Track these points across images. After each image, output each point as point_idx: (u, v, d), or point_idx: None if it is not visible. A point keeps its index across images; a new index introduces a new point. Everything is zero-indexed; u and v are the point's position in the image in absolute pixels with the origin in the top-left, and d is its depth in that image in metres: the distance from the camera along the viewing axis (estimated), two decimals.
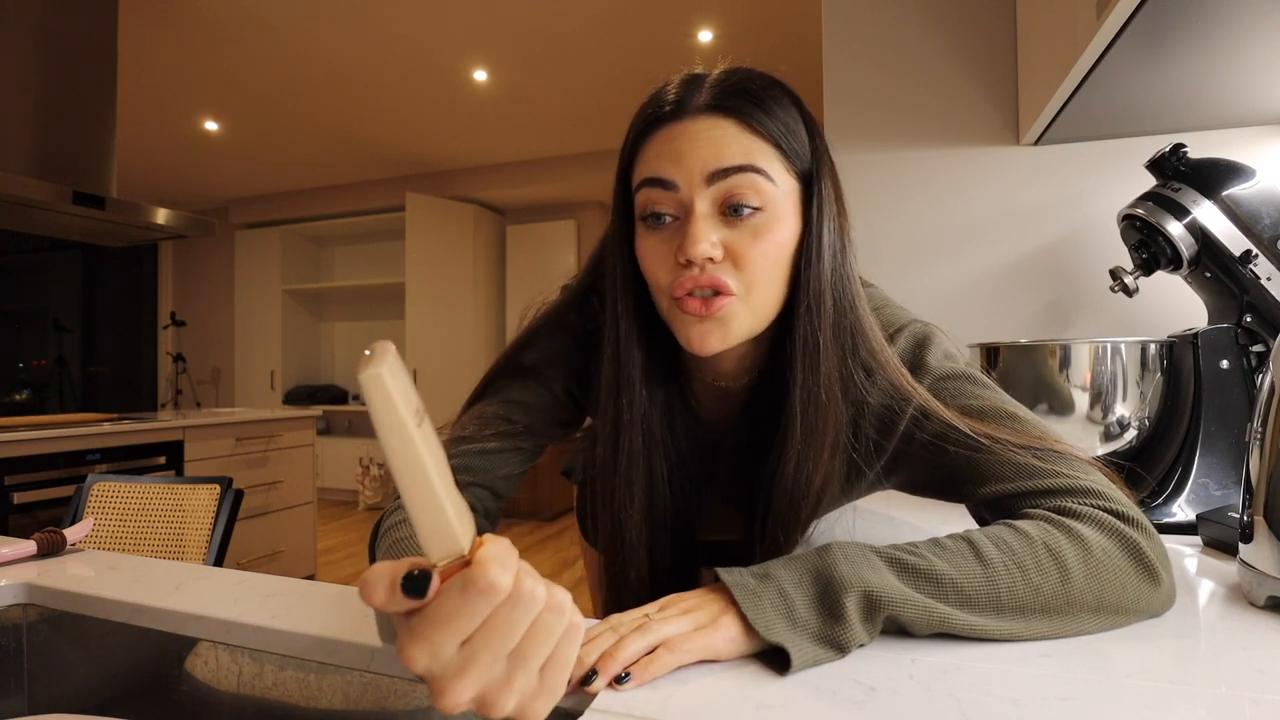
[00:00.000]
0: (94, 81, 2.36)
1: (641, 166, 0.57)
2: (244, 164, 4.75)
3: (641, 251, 0.57)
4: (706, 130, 0.54)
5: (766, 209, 0.54)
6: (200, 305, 5.73)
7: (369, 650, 0.50)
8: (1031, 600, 0.46)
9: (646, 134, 0.57)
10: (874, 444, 0.59)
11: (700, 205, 0.53)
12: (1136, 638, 0.48)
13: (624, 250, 0.59)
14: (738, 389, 0.65)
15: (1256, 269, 0.88)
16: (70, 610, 0.63)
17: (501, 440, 0.63)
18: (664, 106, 0.56)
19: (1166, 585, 0.50)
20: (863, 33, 1.42)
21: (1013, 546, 0.47)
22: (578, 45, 3.12)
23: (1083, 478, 0.52)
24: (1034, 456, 0.53)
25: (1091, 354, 0.91)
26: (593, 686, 0.41)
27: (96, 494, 1.42)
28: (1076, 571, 0.46)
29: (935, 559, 0.47)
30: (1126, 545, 0.48)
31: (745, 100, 0.54)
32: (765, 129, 0.54)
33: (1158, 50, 0.88)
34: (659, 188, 0.55)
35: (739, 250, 0.53)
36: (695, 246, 0.52)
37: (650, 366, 0.61)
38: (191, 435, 2.54)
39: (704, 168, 0.53)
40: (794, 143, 0.56)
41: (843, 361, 0.57)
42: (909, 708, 0.39)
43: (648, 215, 0.56)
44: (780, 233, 0.54)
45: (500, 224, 5.33)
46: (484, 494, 0.63)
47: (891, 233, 1.39)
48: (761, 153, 0.54)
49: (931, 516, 0.87)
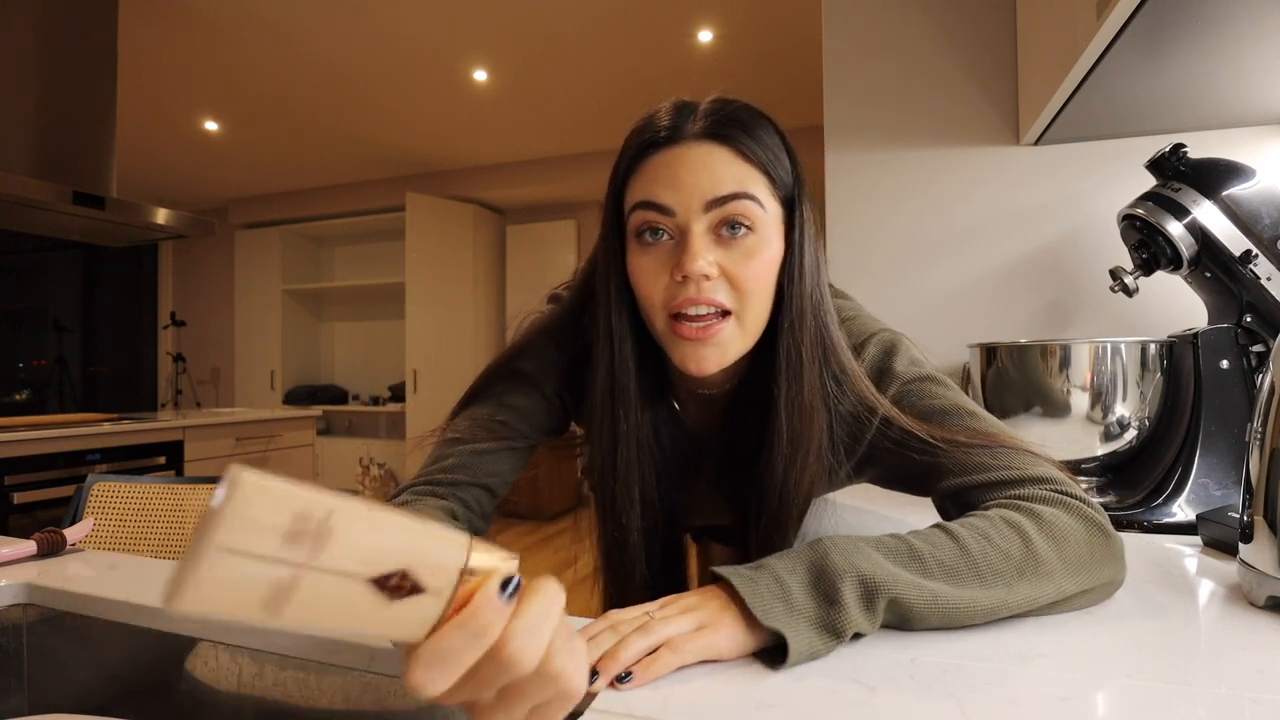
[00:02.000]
0: (94, 81, 2.36)
1: (637, 190, 0.59)
2: (244, 164, 4.75)
3: (635, 269, 0.59)
4: (702, 157, 0.57)
5: (757, 232, 0.57)
6: (200, 305, 5.73)
7: (369, 650, 0.50)
8: (1004, 564, 0.48)
9: (641, 158, 0.59)
10: (845, 447, 0.63)
11: (697, 227, 0.56)
12: (1137, 638, 0.48)
13: (616, 269, 0.61)
14: (720, 396, 0.68)
15: (1256, 269, 0.88)
16: (70, 610, 0.63)
17: (496, 441, 0.65)
18: (660, 132, 0.58)
19: (1117, 542, 0.53)
20: (863, 33, 1.41)
21: (975, 524, 0.51)
22: (578, 45, 3.12)
23: (1032, 468, 0.56)
24: (988, 455, 0.57)
25: (1091, 354, 0.91)
26: (594, 686, 0.41)
27: (96, 494, 1.42)
28: (1034, 535, 0.50)
29: (915, 541, 0.50)
30: (1072, 511, 0.52)
31: (737, 128, 0.58)
32: (755, 156, 0.58)
33: (1158, 50, 0.88)
34: (655, 211, 0.57)
35: (733, 270, 0.57)
36: (694, 262, 0.55)
37: (643, 380, 0.63)
38: (191, 435, 2.54)
39: (701, 195, 0.56)
40: (779, 170, 0.59)
41: (820, 372, 0.61)
42: (909, 708, 0.39)
43: (643, 231, 0.58)
44: (769, 254, 0.58)
45: (500, 224, 5.33)
46: (480, 493, 0.64)
47: (891, 233, 1.39)
48: (752, 180, 0.57)
49: (912, 515, 0.87)
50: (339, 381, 5.65)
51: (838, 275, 1.42)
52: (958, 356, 1.29)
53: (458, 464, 0.63)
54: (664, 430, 0.68)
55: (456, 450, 0.64)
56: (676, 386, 0.70)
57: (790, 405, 0.59)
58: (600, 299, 0.63)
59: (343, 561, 0.25)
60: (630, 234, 0.60)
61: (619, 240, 0.61)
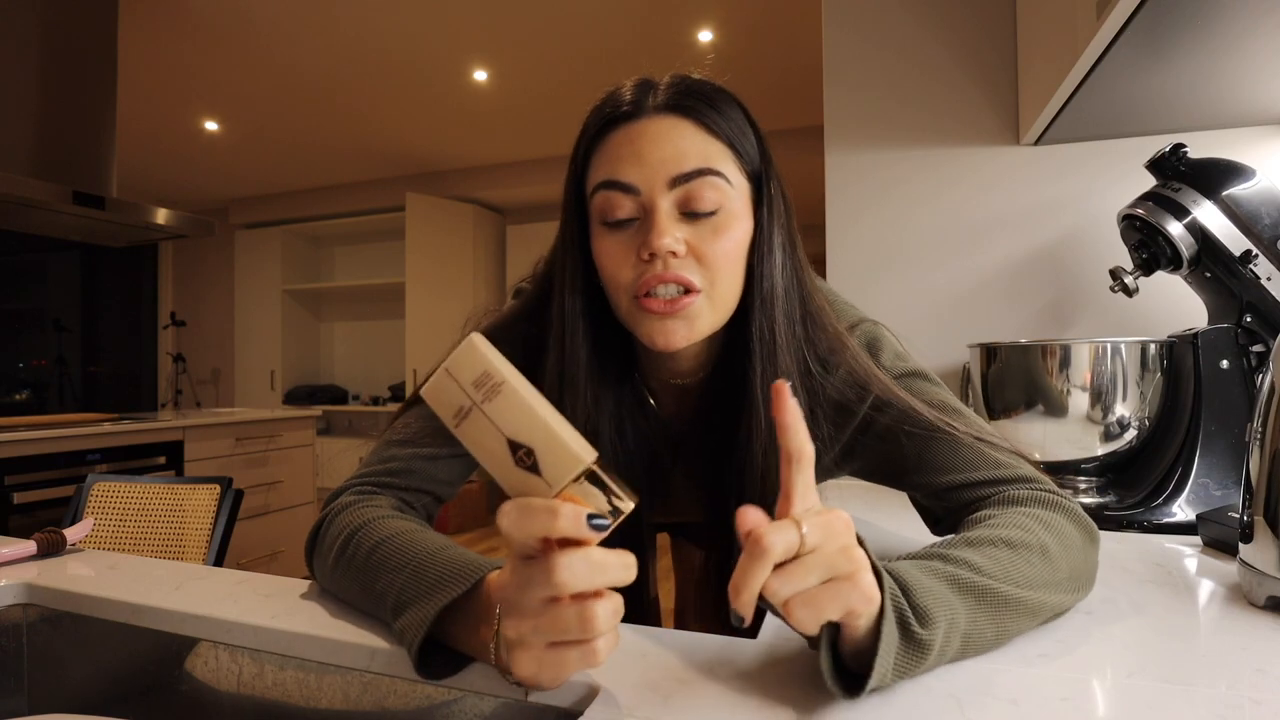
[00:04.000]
0: (94, 81, 2.36)
1: (599, 168, 0.57)
2: (244, 164, 4.75)
3: (600, 252, 0.57)
4: (666, 131, 0.55)
5: (725, 208, 0.56)
6: (200, 305, 5.73)
7: (369, 650, 0.50)
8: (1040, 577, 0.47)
9: (603, 135, 0.57)
10: (829, 436, 0.61)
11: (663, 204, 0.54)
12: (1137, 638, 0.48)
13: (574, 253, 0.59)
14: (694, 384, 0.66)
15: (1256, 269, 0.88)
16: (70, 610, 0.63)
17: (444, 447, 0.63)
18: (620, 107, 0.56)
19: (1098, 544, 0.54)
20: (863, 33, 1.41)
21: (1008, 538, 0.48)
22: (578, 45, 3.12)
23: (1014, 468, 0.56)
24: (975, 453, 0.57)
25: (1091, 354, 0.91)
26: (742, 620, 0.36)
27: (96, 494, 1.42)
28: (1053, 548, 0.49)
29: (997, 586, 0.45)
30: (1068, 514, 0.53)
31: (700, 101, 0.56)
32: (720, 130, 0.56)
33: (1158, 50, 0.88)
34: (619, 190, 0.55)
35: (701, 247, 0.55)
36: (660, 239, 0.53)
37: (596, 368, 0.61)
38: (191, 435, 2.54)
39: (666, 171, 0.54)
40: (745, 144, 0.58)
41: (799, 352, 0.59)
42: (909, 708, 0.39)
43: (609, 220, 0.56)
44: (737, 230, 0.56)
45: (500, 224, 5.33)
46: (428, 500, 0.63)
47: (891, 232, 1.39)
48: (718, 154, 0.56)
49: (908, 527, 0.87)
50: (339, 381, 5.66)
51: (837, 275, 1.42)
52: (958, 356, 1.29)
53: (404, 468, 0.62)
54: (629, 423, 0.65)
55: (399, 454, 0.62)
56: (648, 376, 0.67)
57: (766, 388, 0.56)
58: (556, 284, 0.61)
59: (496, 416, 0.36)
60: (594, 216, 0.57)
61: (579, 223, 0.59)
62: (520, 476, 0.36)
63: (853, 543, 0.38)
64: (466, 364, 0.36)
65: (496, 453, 0.36)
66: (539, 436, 0.35)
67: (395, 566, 0.49)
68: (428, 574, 0.46)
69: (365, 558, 0.52)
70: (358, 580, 0.52)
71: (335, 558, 0.55)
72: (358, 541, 0.53)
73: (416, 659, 0.43)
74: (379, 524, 0.54)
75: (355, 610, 0.55)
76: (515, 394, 0.35)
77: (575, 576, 0.36)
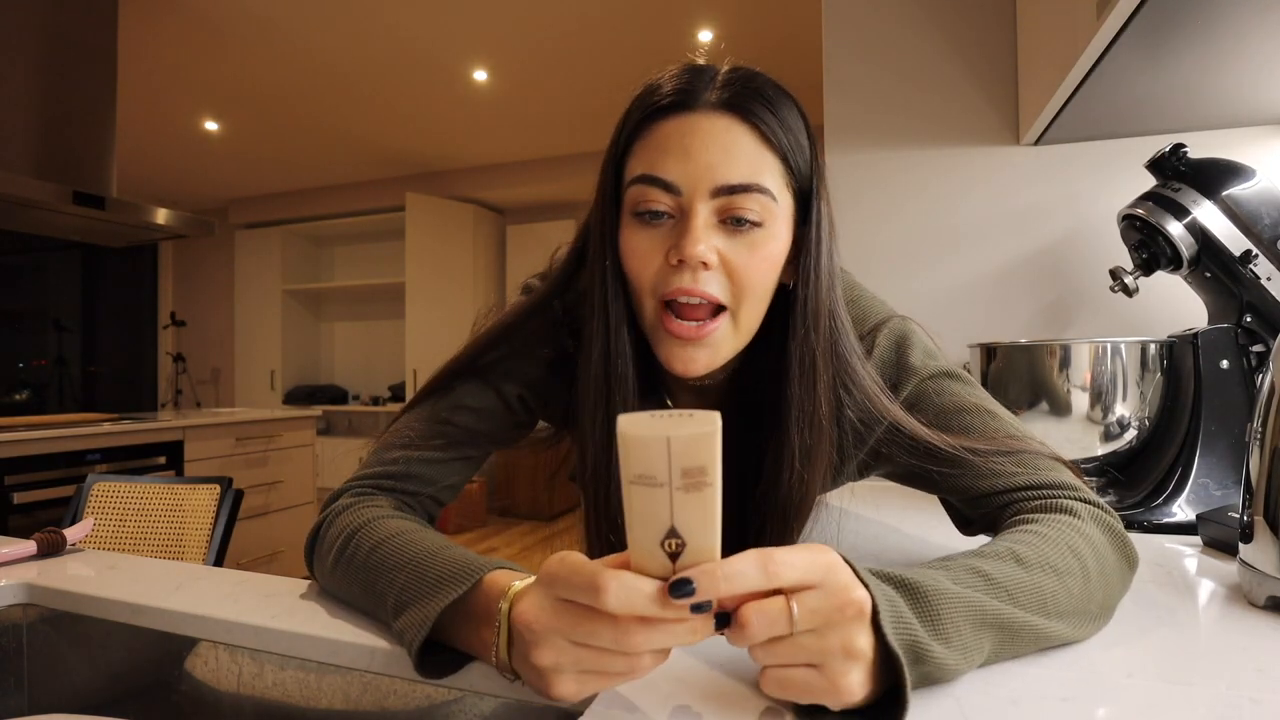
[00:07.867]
0: (94, 81, 2.36)
1: (640, 159, 0.54)
2: (244, 164, 4.75)
3: (628, 247, 0.54)
4: (719, 133, 0.51)
5: (765, 225, 0.53)
6: (200, 305, 5.73)
7: (369, 650, 0.50)
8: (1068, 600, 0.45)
9: (648, 123, 0.54)
10: (851, 447, 0.59)
11: (701, 210, 0.52)
12: (1136, 638, 0.48)
13: (611, 247, 0.56)
14: (713, 387, 0.64)
15: (1256, 269, 0.88)
16: (70, 610, 0.63)
17: (445, 450, 0.62)
18: (671, 96, 0.53)
19: (1133, 554, 0.52)
20: (863, 33, 1.41)
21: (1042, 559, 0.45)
22: (578, 45, 3.12)
23: (1053, 473, 0.54)
24: (1009, 461, 0.54)
25: (1091, 354, 0.91)
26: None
27: (96, 494, 1.42)
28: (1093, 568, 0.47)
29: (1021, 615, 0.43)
30: (1110, 533, 0.50)
31: (761, 104, 0.52)
32: (776, 140, 0.52)
33: (1158, 50, 0.88)
34: (658, 188, 0.52)
35: (734, 262, 0.52)
36: (694, 246, 0.50)
37: (640, 372, 0.59)
38: (191, 435, 2.54)
39: (712, 178, 0.51)
40: (799, 158, 0.54)
41: (831, 380, 0.57)
42: (909, 707, 0.39)
43: (641, 210, 0.53)
44: (774, 249, 0.54)
45: (500, 224, 5.33)
46: (426, 501, 0.63)
47: (891, 233, 1.39)
48: (769, 169, 0.52)
49: (915, 527, 0.87)
50: (339, 381, 5.65)
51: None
52: (958, 356, 1.29)
53: (404, 471, 0.60)
54: None
55: (404, 456, 0.61)
56: (666, 375, 0.64)
57: (803, 418, 0.54)
58: (595, 281, 0.58)
59: (681, 505, 0.34)
60: (626, 208, 0.55)
61: (614, 214, 0.56)
62: (652, 552, 0.35)
63: (854, 637, 0.35)
64: (693, 450, 0.32)
65: (651, 525, 0.34)
66: (701, 545, 0.34)
67: (395, 566, 0.49)
68: (428, 574, 0.46)
69: (365, 558, 0.52)
70: (358, 580, 0.52)
71: (335, 558, 0.55)
72: (358, 542, 0.53)
73: (417, 659, 0.43)
74: (379, 524, 0.54)
75: (355, 610, 0.55)
76: (713, 501, 0.33)
77: (649, 643, 0.35)
